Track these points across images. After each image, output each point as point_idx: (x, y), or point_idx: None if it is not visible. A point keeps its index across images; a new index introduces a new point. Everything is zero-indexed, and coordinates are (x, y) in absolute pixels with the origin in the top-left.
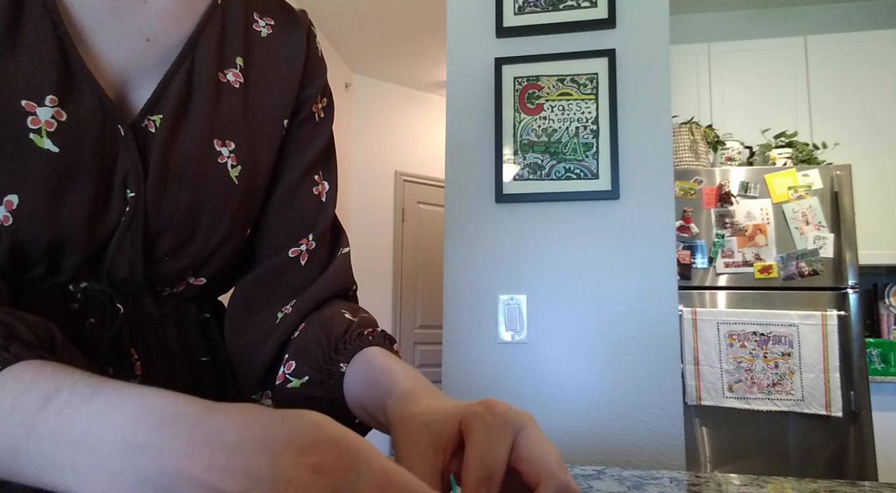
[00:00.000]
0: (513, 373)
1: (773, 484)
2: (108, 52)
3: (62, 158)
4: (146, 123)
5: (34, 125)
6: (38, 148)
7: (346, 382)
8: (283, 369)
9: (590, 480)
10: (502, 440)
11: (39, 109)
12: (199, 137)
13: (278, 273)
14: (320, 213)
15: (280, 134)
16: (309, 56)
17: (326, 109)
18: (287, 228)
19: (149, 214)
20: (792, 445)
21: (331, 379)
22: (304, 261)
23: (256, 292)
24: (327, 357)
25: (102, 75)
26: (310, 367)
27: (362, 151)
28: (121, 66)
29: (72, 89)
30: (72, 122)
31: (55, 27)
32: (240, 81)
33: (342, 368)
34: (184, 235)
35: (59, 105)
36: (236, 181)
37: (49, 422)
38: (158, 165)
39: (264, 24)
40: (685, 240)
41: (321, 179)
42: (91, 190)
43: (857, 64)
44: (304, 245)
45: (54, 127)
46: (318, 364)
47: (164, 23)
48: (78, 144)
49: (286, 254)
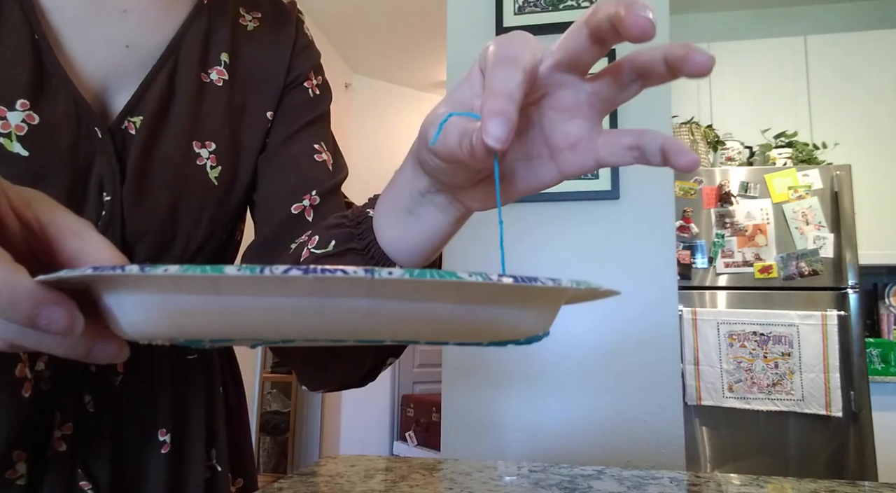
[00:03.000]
0: (513, 373)
1: (773, 484)
2: (87, 57)
3: (32, 162)
4: (126, 125)
5: (4, 129)
6: (8, 152)
7: (376, 216)
8: (308, 247)
9: (590, 480)
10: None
11: (9, 114)
12: (178, 139)
13: (282, 232)
14: (324, 175)
15: (265, 127)
16: (296, 42)
17: (322, 88)
18: (284, 188)
19: (125, 218)
20: (792, 445)
21: (360, 228)
22: (311, 217)
23: (263, 256)
24: (351, 217)
25: (81, 80)
26: (335, 230)
27: (362, 151)
28: (101, 71)
29: (45, 92)
30: (44, 125)
31: (32, 32)
32: (224, 79)
33: (369, 212)
34: (163, 238)
35: (31, 108)
36: (215, 182)
37: None
38: (136, 168)
39: (251, 19)
40: (685, 240)
41: (323, 149)
42: (63, 193)
43: (857, 64)
44: (308, 200)
45: (24, 130)
46: (344, 226)
47: (144, 29)
48: (50, 147)
49: (288, 210)
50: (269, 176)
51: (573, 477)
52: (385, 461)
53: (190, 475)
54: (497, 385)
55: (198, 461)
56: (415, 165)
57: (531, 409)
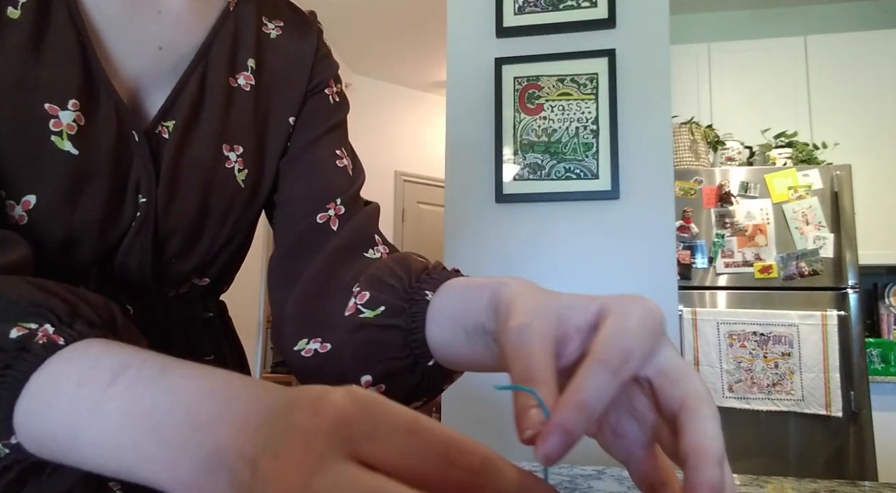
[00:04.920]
0: None
1: (773, 484)
2: (123, 59)
3: (80, 161)
4: (160, 129)
5: (56, 128)
6: (59, 150)
7: (432, 308)
8: (356, 301)
9: (590, 480)
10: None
11: (62, 113)
12: (208, 142)
13: (306, 241)
14: (345, 181)
15: (287, 132)
16: (318, 51)
17: (341, 96)
18: (308, 196)
19: (158, 219)
20: (792, 445)
21: (413, 307)
22: (337, 226)
23: (290, 264)
24: (409, 286)
25: (118, 82)
26: (388, 296)
27: (362, 151)
28: (135, 73)
29: (91, 95)
30: (91, 126)
31: (78, 33)
32: (251, 84)
33: (427, 296)
34: (190, 238)
35: (80, 109)
36: (242, 185)
37: (116, 400)
38: (169, 171)
39: (273, 27)
40: (685, 240)
41: (343, 154)
42: (105, 193)
43: (857, 64)
44: (332, 209)
45: (75, 130)
46: (398, 293)
47: (177, 32)
48: (96, 148)
49: (313, 219)
50: (291, 180)
51: (573, 477)
52: None
53: None
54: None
55: None
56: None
57: None
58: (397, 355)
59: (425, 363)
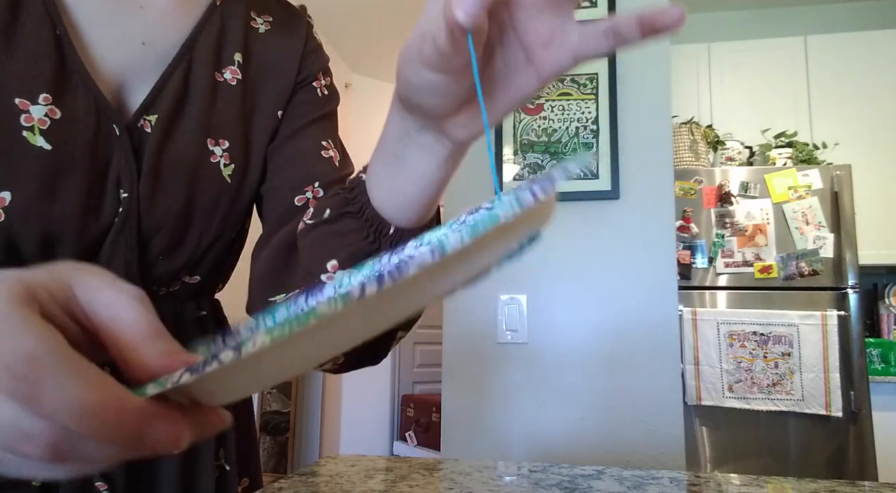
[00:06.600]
0: (513, 373)
1: (773, 484)
2: (105, 54)
3: (54, 156)
4: (142, 123)
5: (27, 123)
6: (31, 145)
7: (368, 179)
8: (304, 220)
9: (590, 480)
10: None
11: (33, 108)
12: (192, 137)
13: (285, 222)
14: (329, 169)
15: (275, 125)
16: (307, 45)
17: (330, 89)
18: (289, 181)
19: (142, 215)
20: (792, 445)
21: (353, 193)
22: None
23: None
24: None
25: (100, 77)
26: (330, 200)
27: (361, 151)
28: (118, 68)
29: (67, 87)
30: (66, 119)
31: (54, 27)
32: (237, 78)
33: (362, 176)
34: (177, 234)
35: (53, 103)
36: (228, 180)
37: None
38: (151, 166)
39: (262, 22)
40: (685, 240)
41: (331, 146)
42: (83, 187)
43: (857, 64)
44: (310, 192)
45: (47, 125)
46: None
47: (160, 27)
48: (71, 142)
49: (292, 201)
50: (275, 168)
51: (573, 477)
52: (385, 461)
53: (201, 475)
54: (497, 385)
55: (208, 460)
56: (398, 107)
57: (531, 409)
58: (356, 238)
59: (387, 234)
